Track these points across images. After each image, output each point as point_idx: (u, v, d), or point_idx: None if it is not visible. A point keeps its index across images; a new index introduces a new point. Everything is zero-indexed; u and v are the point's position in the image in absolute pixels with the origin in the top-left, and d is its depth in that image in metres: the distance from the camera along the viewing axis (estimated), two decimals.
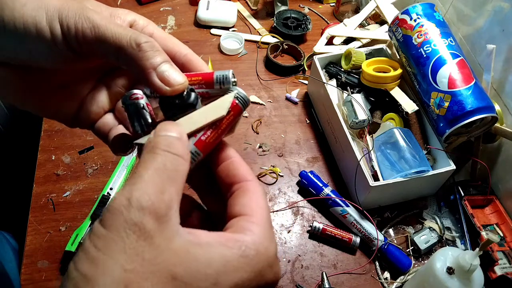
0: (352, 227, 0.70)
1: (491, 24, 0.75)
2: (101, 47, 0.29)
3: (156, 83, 0.29)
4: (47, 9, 0.29)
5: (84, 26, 0.29)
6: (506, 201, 0.72)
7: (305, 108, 0.90)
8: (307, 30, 1.01)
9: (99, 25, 0.29)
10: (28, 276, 0.61)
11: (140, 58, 0.29)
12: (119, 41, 0.29)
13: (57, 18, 0.29)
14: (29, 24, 0.29)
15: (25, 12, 0.29)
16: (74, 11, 0.29)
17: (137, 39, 0.29)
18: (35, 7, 0.29)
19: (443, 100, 0.67)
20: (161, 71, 0.29)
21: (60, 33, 0.29)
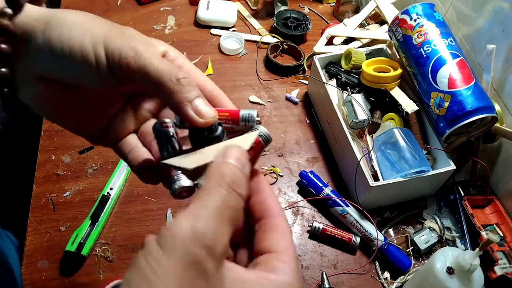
0: (352, 227, 0.70)
1: (491, 24, 0.75)
2: (142, 77, 0.31)
3: (190, 115, 0.32)
4: (92, 35, 0.31)
5: (128, 55, 0.31)
6: (506, 201, 0.72)
7: (305, 108, 0.90)
8: (307, 30, 1.01)
9: (143, 56, 0.31)
10: (28, 276, 0.61)
11: (178, 91, 0.31)
12: (160, 75, 0.31)
13: (102, 45, 0.31)
14: (76, 49, 0.30)
15: (72, 36, 0.31)
16: (119, 39, 0.31)
17: (177, 75, 0.31)
18: (82, 32, 0.31)
19: (443, 100, 0.67)
20: (195, 105, 0.32)
21: (105, 59, 0.31)
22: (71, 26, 0.31)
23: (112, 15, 1.00)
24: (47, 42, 0.31)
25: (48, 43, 0.31)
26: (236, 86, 0.92)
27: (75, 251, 0.62)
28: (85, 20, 0.32)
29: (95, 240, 0.65)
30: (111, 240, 0.66)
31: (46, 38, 0.31)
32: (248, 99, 0.89)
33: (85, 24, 0.32)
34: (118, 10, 1.02)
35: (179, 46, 0.97)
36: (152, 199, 0.71)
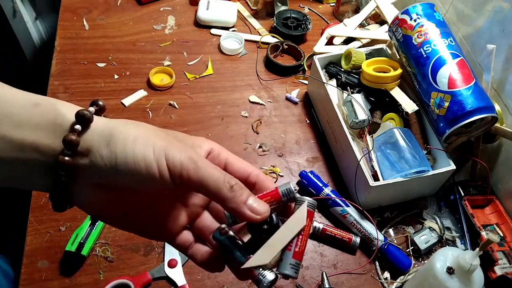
0: (352, 227, 0.70)
1: (491, 24, 0.75)
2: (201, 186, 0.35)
3: (248, 215, 0.35)
4: (154, 147, 0.34)
5: (189, 166, 0.34)
6: (506, 201, 0.72)
7: (305, 108, 0.90)
8: (307, 30, 1.01)
9: (201, 167, 0.35)
10: (28, 276, 0.61)
11: (233, 197, 0.35)
12: (218, 184, 0.35)
13: (163, 156, 0.34)
14: (139, 161, 0.34)
15: (135, 150, 0.34)
16: (177, 149, 0.35)
17: (230, 182, 0.35)
18: (144, 145, 0.34)
19: (443, 100, 0.67)
20: (250, 204, 0.36)
21: (167, 172, 0.34)
22: (133, 140, 0.34)
23: (112, 15, 1.00)
24: (111, 156, 0.34)
25: (113, 156, 0.34)
26: (236, 86, 0.92)
27: (75, 251, 0.62)
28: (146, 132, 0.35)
29: (95, 240, 0.65)
30: (111, 240, 0.66)
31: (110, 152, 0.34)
32: (248, 99, 0.89)
33: (147, 138, 0.35)
34: (118, 10, 1.02)
35: (179, 46, 0.97)
36: None
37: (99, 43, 0.94)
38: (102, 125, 0.35)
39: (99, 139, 0.34)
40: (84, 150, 0.34)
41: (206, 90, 0.90)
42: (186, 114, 0.85)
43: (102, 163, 0.34)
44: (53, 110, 0.34)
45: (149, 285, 0.63)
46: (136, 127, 0.36)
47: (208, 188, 0.35)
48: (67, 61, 0.89)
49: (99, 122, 0.35)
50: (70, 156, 0.34)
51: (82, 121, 0.34)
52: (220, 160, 0.41)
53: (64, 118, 0.34)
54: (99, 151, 0.34)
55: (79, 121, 0.34)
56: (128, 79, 0.89)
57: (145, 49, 0.95)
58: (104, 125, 0.35)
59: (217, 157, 0.41)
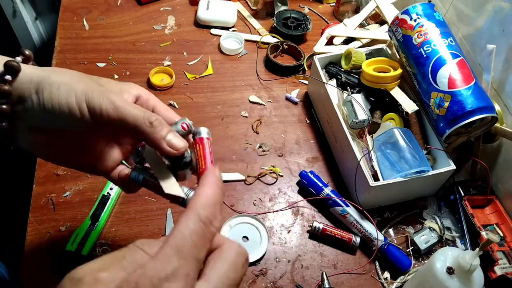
0: (352, 227, 0.70)
1: (491, 24, 0.75)
2: (122, 124, 0.38)
3: (166, 149, 0.38)
4: (76, 92, 0.37)
5: (107, 107, 0.37)
6: (506, 201, 0.72)
7: (305, 108, 0.90)
8: (307, 30, 1.01)
9: (119, 106, 0.37)
10: (28, 276, 0.61)
11: (152, 132, 0.38)
12: (136, 120, 0.38)
13: (84, 100, 0.37)
14: (63, 106, 0.37)
15: (59, 95, 0.37)
16: (98, 94, 0.38)
17: (150, 118, 0.38)
18: (67, 90, 0.37)
19: (443, 100, 0.67)
20: (168, 140, 0.38)
21: (87, 112, 0.37)
22: (57, 87, 0.37)
23: (112, 15, 1.00)
24: (40, 102, 0.37)
25: (41, 103, 0.37)
26: (236, 86, 0.92)
27: (75, 251, 0.62)
28: (70, 79, 0.38)
29: (95, 240, 0.65)
30: (111, 240, 0.66)
31: (39, 99, 0.37)
32: (248, 99, 0.89)
33: (70, 84, 0.38)
34: (118, 10, 1.02)
35: (179, 46, 0.97)
36: (152, 199, 0.71)
37: (99, 43, 0.94)
38: (30, 73, 0.38)
39: (29, 86, 0.38)
40: (17, 98, 0.38)
41: (206, 90, 0.90)
42: (186, 114, 0.85)
43: (33, 108, 0.37)
44: None
45: None
46: (61, 74, 0.39)
47: (128, 124, 0.38)
48: (67, 61, 0.89)
49: (27, 70, 0.38)
50: (4, 104, 0.37)
51: (11, 71, 0.37)
52: (147, 106, 0.43)
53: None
54: (30, 97, 0.37)
55: (8, 71, 0.37)
56: (128, 79, 0.89)
57: (145, 49, 0.95)
58: (32, 73, 0.38)
59: (145, 102, 0.43)
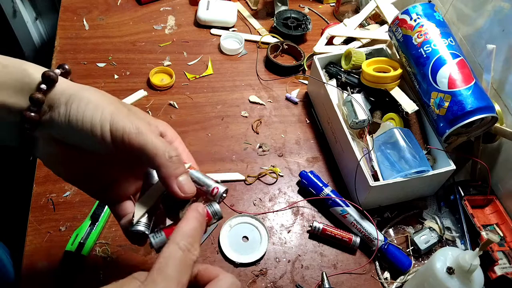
0: (352, 227, 0.70)
1: (491, 24, 0.75)
2: (141, 151, 0.37)
3: (175, 189, 0.38)
4: (103, 111, 0.37)
5: (131, 131, 0.37)
6: (506, 201, 0.72)
7: (305, 108, 0.90)
8: (307, 30, 1.01)
9: (143, 133, 0.37)
10: (28, 276, 0.61)
11: (168, 166, 0.37)
12: (157, 150, 0.37)
13: (109, 120, 0.37)
14: (87, 122, 0.37)
15: (86, 111, 0.37)
16: (124, 117, 0.37)
17: (170, 153, 0.37)
18: (94, 107, 0.37)
19: (443, 100, 0.67)
20: (180, 180, 0.38)
21: (109, 133, 0.37)
22: (86, 102, 0.37)
23: (112, 15, 1.00)
24: (66, 113, 0.37)
25: (67, 114, 0.37)
26: (236, 86, 0.92)
27: (75, 251, 0.62)
28: (101, 98, 0.38)
29: (95, 240, 0.65)
30: (111, 240, 0.66)
31: (66, 110, 0.37)
32: (248, 99, 0.89)
33: (99, 102, 0.38)
34: (118, 10, 1.02)
35: (179, 46, 0.97)
36: None
37: (99, 43, 0.94)
38: (66, 87, 0.39)
39: (60, 98, 0.38)
40: (47, 107, 0.38)
41: (206, 90, 0.90)
42: (186, 114, 0.85)
43: (59, 119, 0.37)
44: (21, 70, 0.38)
45: None
46: (94, 92, 0.39)
47: (147, 152, 0.37)
48: (67, 61, 0.89)
49: (64, 84, 0.39)
50: (35, 113, 0.37)
51: (48, 81, 0.37)
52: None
53: (31, 78, 0.38)
54: (58, 108, 0.38)
55: (45, 81, 0.37)
56: (128, 79, 0.89)
57: (145, 49, 0.95)
58: (68, 87, 0.39)
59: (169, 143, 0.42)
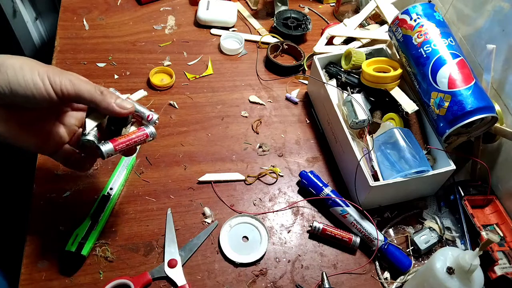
0: (352, 227, 0.70)
1: (491, 24, 0.75)
2: (78, 97, 0.48)
3: (117, 110, 0.50)
4: (38, 71, 0.46)
5: (66, 83, 0.47)
6: (506, 201, 0.72)
7: (305, 108, 0.90)
8: (307, 30, 1.01)
9: (75, 83, 0.48)
10: (27, 276, 0.61)
11: (104, 99, 0.49)
12: (90, 92, 0.48)
13: (46, 77, 0.46)
14: (29, 83, 0.45)
15: (24, 74, 0.45)
16: (57, 73, 0.47)
17: (100, 89, 0.49)
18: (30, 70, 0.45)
19: (443, 100, 0.67)
20: (118, 103, 0.51)
21: (51, 89, 0.46)
22: (20, 67, 0.45)
23: (112, 15, 1.00)
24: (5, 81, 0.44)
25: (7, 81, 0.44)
26: (236, 86, 0.92)
27: (75, 251, 0.62)
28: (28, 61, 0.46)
29: (95, 240, 0.65)
30: (111, 240, 0.66)
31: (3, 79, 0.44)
32: (248, 99, 0.89)
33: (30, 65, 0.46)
34: (118, 10, 1.02)
35: (179, 46, 0.97)
36: (152, 199, 0.71)
37: (99, 43, 0.94)
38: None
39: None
40: None
41: (206, 90, 0.90)
42: (186, 114, 0.85)
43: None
44: None
45: (149, 285, 0.63)
46: (17, 59, 0.46)
47: (84, 97, 0.48)
48: (67, 61, 0.89)
49: None
50: None
51: None
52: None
53: None
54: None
55: None
56: (128, 79, 0.89)
57: (145, 49, 0.95)
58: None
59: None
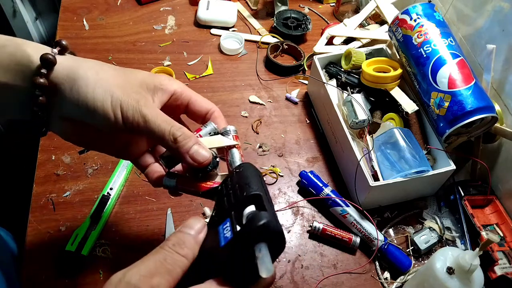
0: (352, 227, 0.70)
1: (491, 24, 0.75)
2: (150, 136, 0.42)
3: (189, 162, 0.42)
4: (112, 96, 0.40)
5: (139, 120, 0.41)
6: (506, 201, 0.72)
7: (305, 108, 0.90)
8: (307, 30, 1.01)
9: (149, 120, 0.41)
10: (28, 276, 0.61)
11: (177, 148, 0.42)
12: (163, 135, 0.41)
13: (119, 107, 0.40)
14: (98, 108, 0.40)
15: (95, 97, 0.40)
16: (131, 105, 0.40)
17: (174, 134, 0.41)
18: (103, 92, 0.40)
19: (443, 100, 0.67)
20: (191, 154, 0.42)
21: (121, 118, 0.40)
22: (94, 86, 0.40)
23: (112, 15, 1.00)
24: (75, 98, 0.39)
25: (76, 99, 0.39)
26: (236, 86, 0.92)
27: (75, 251, 0.62)
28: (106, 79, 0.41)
29: (95, 240, 0.65)
30: (111, 240, 0.66)
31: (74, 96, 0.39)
32: (248, 99, 0.89)
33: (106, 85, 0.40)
34: (118, 10, 1.02)
35: (179, 46, 0.97)
36: (152, 199, 0.71)
37: (99, 43, 0.94)
38: (67, 67, 0.40)
39: (64, 82, 0.40)
40: (53, 89, 0.40)
41: (206, 90, 0.90)
42: None
43: (68, 103, 0.40)
44: (20, 51, 0.39)
45: None
46: (97, 73, 0.41)
47: (156, 138, 0.42)
48: None
49: (64, 63, 0.40)
50: (41, 96, 0.39)
51: (47, 64, 0.39)
52: (182, 100, 0.47)
53: (29, 60, 0.39)
54: (65, 93, 0.40)
55: (44, 65, 0.39)
56: None
57: (145, 49, 0.95)
58: (69, 68, 0.40)
59: (180, 97, 0.46)
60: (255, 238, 0.29)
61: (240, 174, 0.37)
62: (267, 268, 0.27)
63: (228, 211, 0.34)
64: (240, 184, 0.35)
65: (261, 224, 0.29)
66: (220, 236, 0.32)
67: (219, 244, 0.31)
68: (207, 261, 0.33)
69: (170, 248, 0.33)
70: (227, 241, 0.31)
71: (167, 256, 0.32)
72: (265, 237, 0.29)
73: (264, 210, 0.31)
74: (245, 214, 0.31)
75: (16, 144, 1.23)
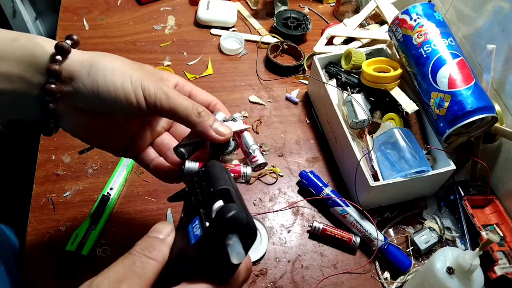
0: (352, 227, 0.70)
1: (491, 24, 0.75)
2: (173, 114, 0.41)
3: (214, 136, 0.42)
4: (131, 78, 0.39)
5: (161, 97, 0.40)
6: (506, 201, 0.72)
7: (305, 108, 0.90)
8: (307, 30, 1.01)
9: (172, 97, 0.40)
10: (28, 276, 0.61)
11: (201, 121, 0.41)
12: (187, 111, 0.41)
13: (140, 87, 0.39)
14: (119, 90, 0.39)
15: (115, 80, 0.39)
16: (152, 83, 0.40)
17: (198, 109, 0.41)
18: (122, 76, 0.39)
19: (443, 100, 0.67)
20: (215, 128, 0.42)
21: (143, 100, 0.39)
22: (111, 71, 0.39)
23: (112, 15, 1.00)
24: (93, 85, 0.38)
25: (95, 86, 0.38)
26: (236, 86, 0.92)
27: (75, 251, 0.62)
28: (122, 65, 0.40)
29: (95, 240, 0.65)
30: (111, 240, 0.66)
31: (92, 82, 0.38)
32: (248, 99, 0.89)
33: (124, 69, 0.40)
34: (118, 10, 1.02)
35: (179, 46, 0.97)
36: (152, 199, 0.71)
37: (99, 43, 0.94)
38: (81, 56, 0.40)
39: (80, 69, 0.39)
40: (67, 78, 0.39)
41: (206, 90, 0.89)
42: None
43: (85, 90, 0.38)
44: (33, 43, 0.39)
45: None
46: (112, 59, 0.40)
47: (179, 115, 0.41)
48: None
49: (76, 54, 0.40)
50: (55, 84, 0.38)
51: (62, 52, 0.38)
52: (185, 92, 0.47)
53: (43, 50, 0.38)
54: (82, 80, 0.38)
55: (59, 52, 0.38)
56: None
57: (145, 49, 0.95)
58: (82, 56, 0.40)
59: (183, 88, 0.47)
60: (225, 230, 0.29)
61: (207, 172, 0.36)
62: (237, 253, 0.28)
63: (196, 209, 0.33)
64: (207, 182, 0.35)
65: (229, 216, 0.28)
66: (190, 235, 0.31)
67: (190, 243, 0.31)
68: (180, 264, 0.32)
69: (138, 252, 0.32)
70: (197, 239, 0.30)
71: (135, 260, 0.32)
72: (235, 228, 0.29)
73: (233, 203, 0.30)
74: (214, 209, 0.31)
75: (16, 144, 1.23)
